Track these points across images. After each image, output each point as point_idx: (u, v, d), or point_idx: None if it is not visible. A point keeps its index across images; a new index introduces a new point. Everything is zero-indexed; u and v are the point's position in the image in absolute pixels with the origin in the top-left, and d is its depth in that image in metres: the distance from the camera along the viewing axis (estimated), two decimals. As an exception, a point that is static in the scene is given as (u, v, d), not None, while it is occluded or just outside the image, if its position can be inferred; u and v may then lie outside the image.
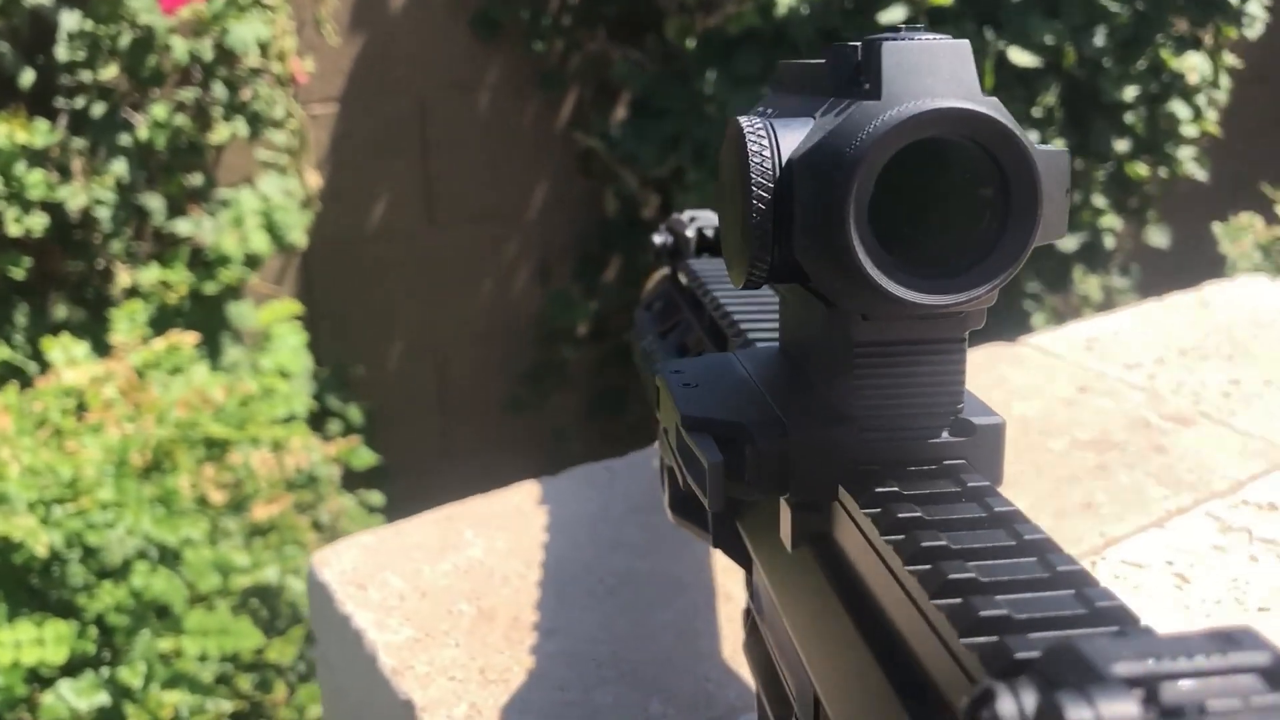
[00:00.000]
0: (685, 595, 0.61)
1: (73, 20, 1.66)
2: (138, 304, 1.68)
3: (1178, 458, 0.72)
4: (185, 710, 1.39)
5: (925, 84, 0.31)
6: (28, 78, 1.66)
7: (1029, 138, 0.31)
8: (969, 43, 0.32)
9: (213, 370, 1.75)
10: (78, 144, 1.69)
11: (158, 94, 1.75)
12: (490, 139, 2.22)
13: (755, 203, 0.32)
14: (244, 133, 1.81)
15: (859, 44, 0.33)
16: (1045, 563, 0.27)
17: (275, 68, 1.82)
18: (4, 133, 1.60)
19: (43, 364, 1.65)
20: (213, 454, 1.51)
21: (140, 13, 1.66)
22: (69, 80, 1.70)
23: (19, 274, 1.69)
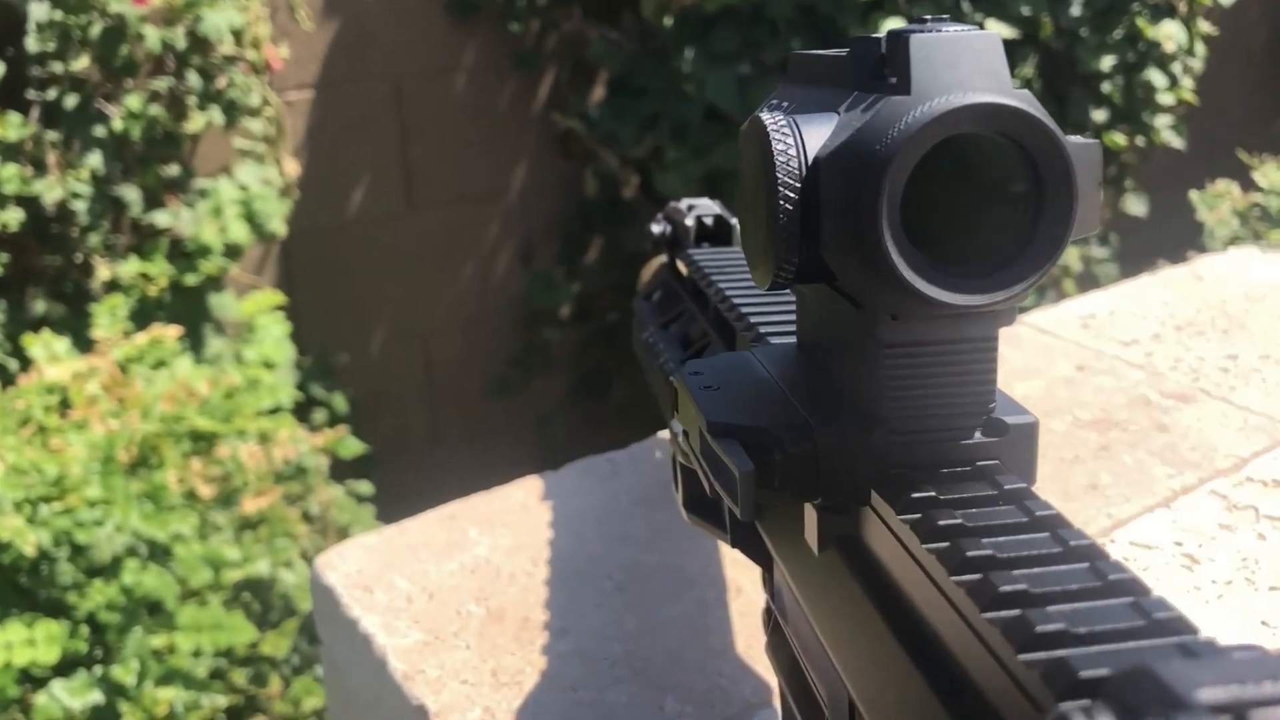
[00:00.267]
0: (694, 589, 0.60)
1: (42, 10, 1.63)
2: (118, 298, 1.66)
3: (1180, 436, 0.72)
4: (180, 706, 1.38)
5: (955, 78, 0.30)
6: (-2, 71, 1.64)
7: (1061, 131, 0.30)
8: (999, 35, 0.31)
9: (196, 362, 1.73)
10: (51, 136, 1.67)
11: (131, 84, 1.73)
12: (468, 122, 2.20)
13: (782, 203, 0.32)
14: (220, 121, 1.79)
15: (882, 37, 0.32)
16: (1096, 570, 0.26)
17: (250, 55, 1.80)
18: (-24, 127, 1.58)
19: (24, 361, 1.63)
20: (199, 448, 1.50)
21: (111, 2, 1.64)
22: (40, 72, 1.67)
23: (-4, 270, 1.66)
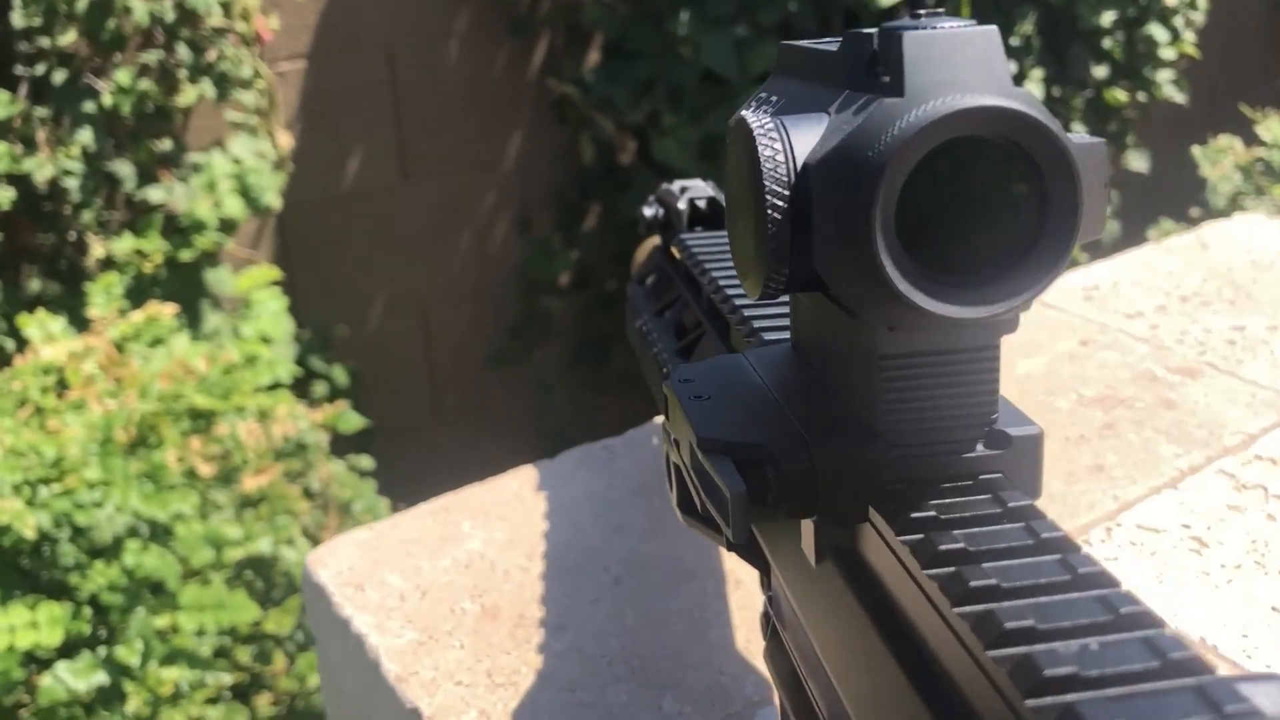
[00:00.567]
0: (693, 581, 0.59)
1: (27, -15, 1.60)
2: (113, 276, 1.64)
3: (1187, 412, 0.71)
4: (185, 685, 1.38)
5: (952, 78, 0.29)
6: (-16, 47, 1.61)
7: (1065, 131, 0.29)
8: (997, 29, 0.30)
9: (194, 339, 1.72)
10: (40, 113, 1.65)
11: (120, 59, 1.71)
12: (462, 90, 2.18)
13: (771, 212, 0.30)
14: (211, 94, 1.77)
15: (874, 32, 0.31)
16: (1106, 604, 0.25)
17: (239, 26, 1.77)
18: (-37, 106, 1.56)
19: (19, 341, 1.62)
20: (198, 426, 1.49)
21: (97, -25, 1.61)
22: (27, 47, 1.65)
23: (-11, 250, 1.65)
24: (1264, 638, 0.54)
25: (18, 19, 1.61)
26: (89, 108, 1.67)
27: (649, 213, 0.66)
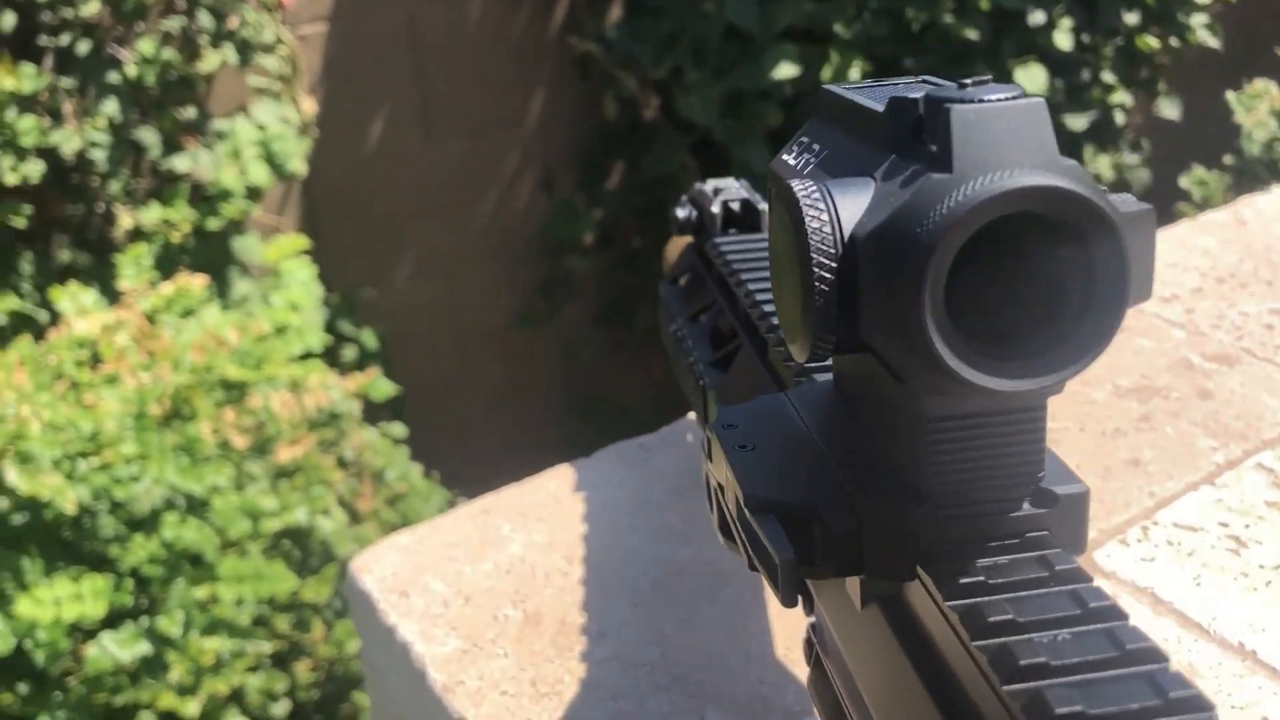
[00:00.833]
0: (730, 586, 0.60)
1: (49, -43, 1.60)
2: (142, 247, 1.65)
3: (1224, 403, 0.71)
4: (226, 654, 1.41)
5: (1000, 154, 0.29)
6: (8, 20, 1.61)
7: (1112, 204, 0.29)
8: (1044, 101, 0.30)
9: (223, 307, 1.73)
10: (66, 84, 1.65)
11: (143, 27, 1.70)
12: (483, 48, 2.16)
13: (818, 284, 0.30)
14: (234, 60, 1.77)
15: (920, 99, 0.30)
16: (1154, 684, 0.26)
17: (261, -8, 1.77)
18: (-10, 81, 1.56)
19: (52, 311, 1.64)
20: (231, 397, 1.50)
21: (117, -55, 1.61)
22: (50, 19, 1.65)
23: (20, 223, 1.66)
24: (1301, 642, 0.54)
25: (40, -10, 1.61)
26: (113, 78, 1.67)
27: (681, 214, 0.66)
